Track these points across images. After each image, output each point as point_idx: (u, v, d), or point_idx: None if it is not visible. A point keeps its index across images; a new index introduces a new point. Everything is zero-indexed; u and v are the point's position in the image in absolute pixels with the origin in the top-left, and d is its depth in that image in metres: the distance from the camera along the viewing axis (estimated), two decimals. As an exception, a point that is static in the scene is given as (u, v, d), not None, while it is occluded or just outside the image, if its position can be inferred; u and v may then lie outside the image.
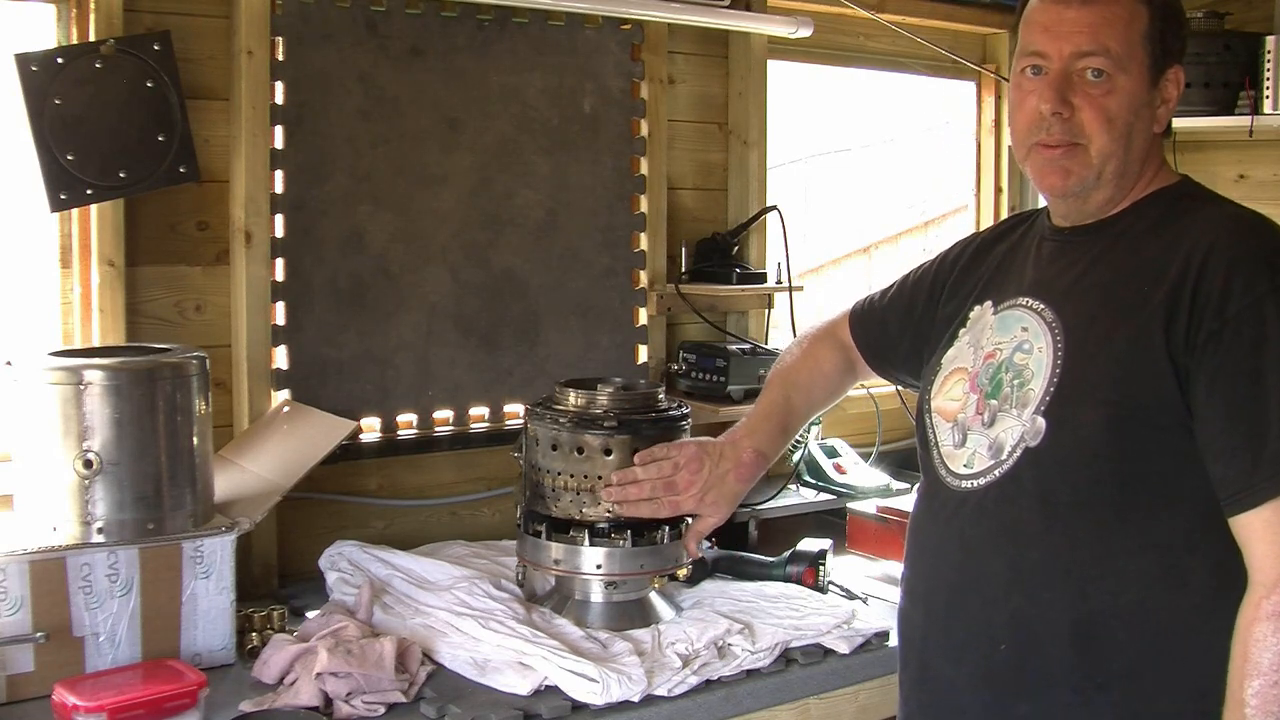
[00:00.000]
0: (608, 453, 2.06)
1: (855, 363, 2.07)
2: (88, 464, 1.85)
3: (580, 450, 2.07)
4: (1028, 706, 1.59)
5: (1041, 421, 1.56)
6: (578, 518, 2.08)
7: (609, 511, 2.06)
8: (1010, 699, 1.60)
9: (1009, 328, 1.66)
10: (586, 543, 2.07)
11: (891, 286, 2.01)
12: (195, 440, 1.96)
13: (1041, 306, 1.64)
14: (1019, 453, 1.58)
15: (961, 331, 1.77)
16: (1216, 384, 1.47)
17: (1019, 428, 1.59)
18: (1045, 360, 1.59)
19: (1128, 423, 1.51)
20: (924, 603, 1.71)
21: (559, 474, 2.08)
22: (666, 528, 2.09)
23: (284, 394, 2.39)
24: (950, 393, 1.72)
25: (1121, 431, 1.52)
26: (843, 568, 2.47)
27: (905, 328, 1.94)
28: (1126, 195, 1.64)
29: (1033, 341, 1.62)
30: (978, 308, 1.76)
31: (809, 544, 2.38)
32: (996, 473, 1.60)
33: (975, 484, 1.63)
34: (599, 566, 2.08)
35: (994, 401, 1.63)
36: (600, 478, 2.06)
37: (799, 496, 2.79)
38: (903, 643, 1.77)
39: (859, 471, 2.87)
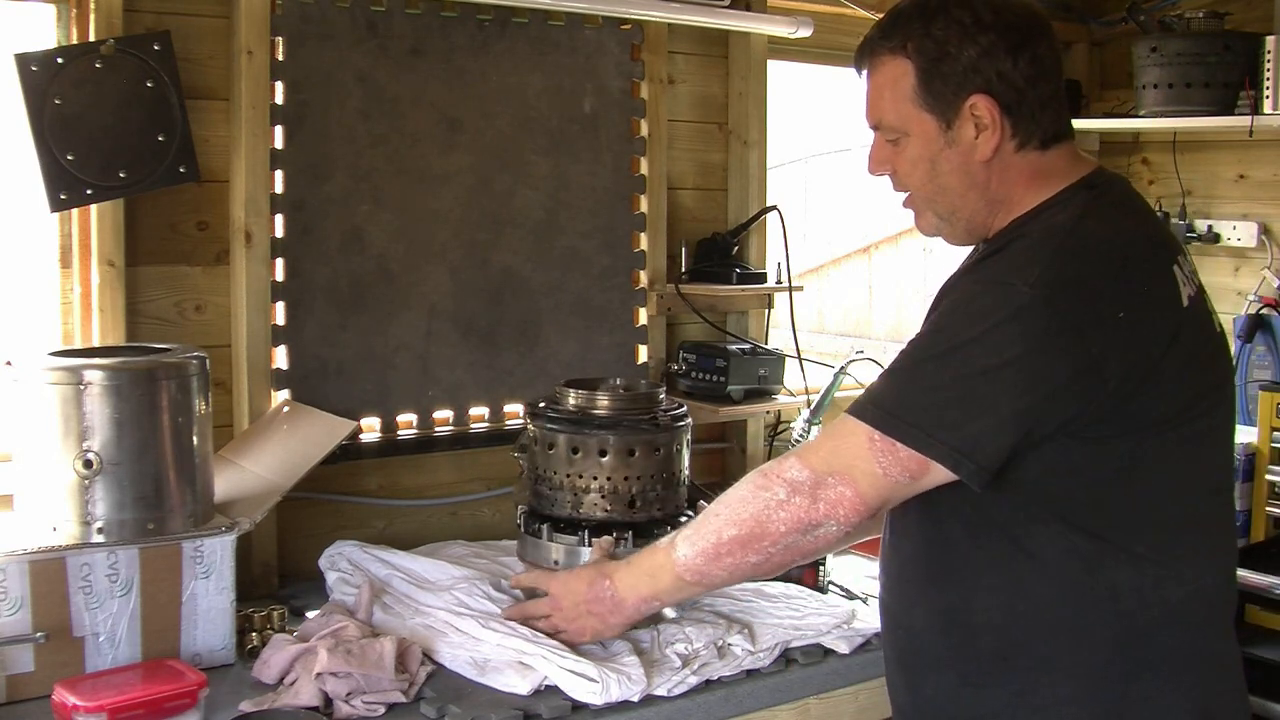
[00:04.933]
0: (606, 453, 2.06)
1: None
2: (88, 464, 1.85)
3: (580, 450, 2.07)
4: (931, 688, 1.68)
5: None
6: (578, 518, 2.08)
7: (606, 511, 2.06)
8: (918, 680, 1.71)
9: None
10: (587, 543, 2.07)
11: None
12: (195, 440, 1.96)
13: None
14: None
15: None
16: None
17: None
18: None
19: None
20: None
21: (559, 474, 2.08)
22: (668, 528, 2.09)
23: (284, 394, 2.39)
24: None
25: None
26: (843, 568, 2.47)
27: None
28: (1009, 216, 1.66)
29: None
30: None
31: (809, 544, 2.37)
32: None
33: None
34: (599, 566, 2.08)
35: None
36: (596, 478, 2.06)
37: (799, 496, 2.78)
38: None
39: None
